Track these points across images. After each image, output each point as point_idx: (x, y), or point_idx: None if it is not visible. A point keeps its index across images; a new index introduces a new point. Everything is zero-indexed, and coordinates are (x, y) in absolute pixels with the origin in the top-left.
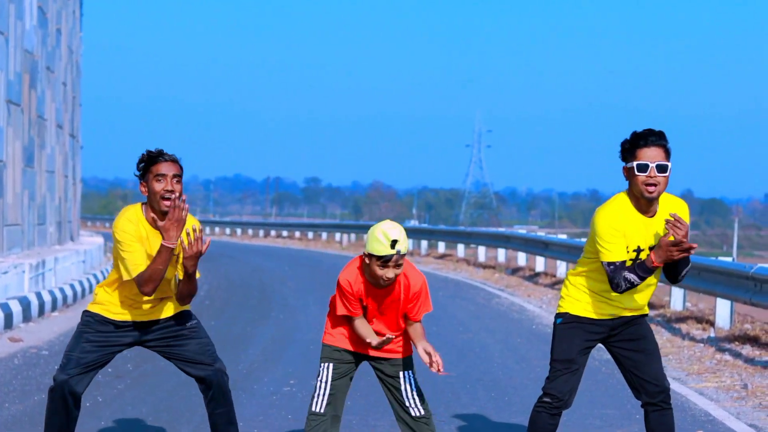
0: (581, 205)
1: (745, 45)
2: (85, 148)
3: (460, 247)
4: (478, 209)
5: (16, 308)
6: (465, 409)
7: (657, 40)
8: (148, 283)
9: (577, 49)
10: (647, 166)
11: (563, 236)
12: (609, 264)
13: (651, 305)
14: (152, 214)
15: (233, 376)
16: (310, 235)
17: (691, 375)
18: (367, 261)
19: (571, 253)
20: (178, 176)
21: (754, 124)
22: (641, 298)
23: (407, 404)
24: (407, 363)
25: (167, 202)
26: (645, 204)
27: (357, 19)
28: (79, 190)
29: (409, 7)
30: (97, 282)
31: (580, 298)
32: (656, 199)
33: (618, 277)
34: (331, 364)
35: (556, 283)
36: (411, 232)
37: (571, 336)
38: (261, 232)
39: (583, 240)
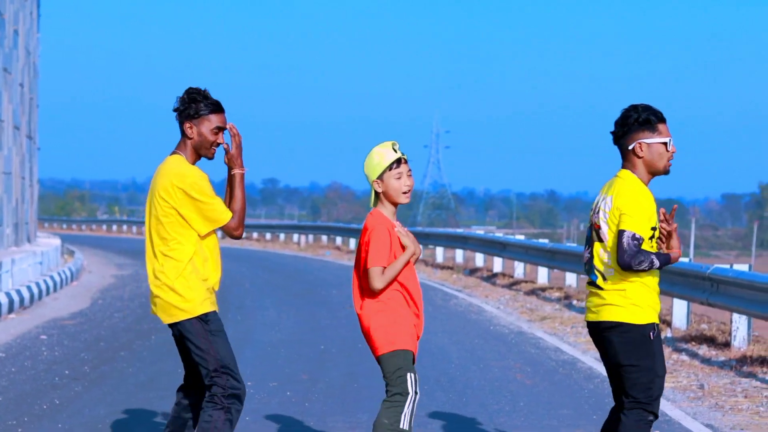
0: (539, 205)
1: (697, 47)
2: (42, 149)
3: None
4: (435, 210)
5: None
6: (422, 410)
7: (608, 41)
8: (242, 220)
9: (534, 52)
10: (670, 140)
11: (521, 237)
12: (633, 236)
13: None
14: (193, 158)
15: None
16: (268, 236)
17: None
18: (380, 189)
19: (528, 254)
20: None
21: (710, 126)
22: None
23: None
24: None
25: (214, 150)
26: (649, 181)
27: (314, 23)
28: (36, 191)
29: (365, 10)
30: (54, 284)
31: (649, 303)
32: None
33: (642, 254)
34: (414, 374)
35: (514, 284)
36: None
37: (661, 347)
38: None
39: (541, 240)
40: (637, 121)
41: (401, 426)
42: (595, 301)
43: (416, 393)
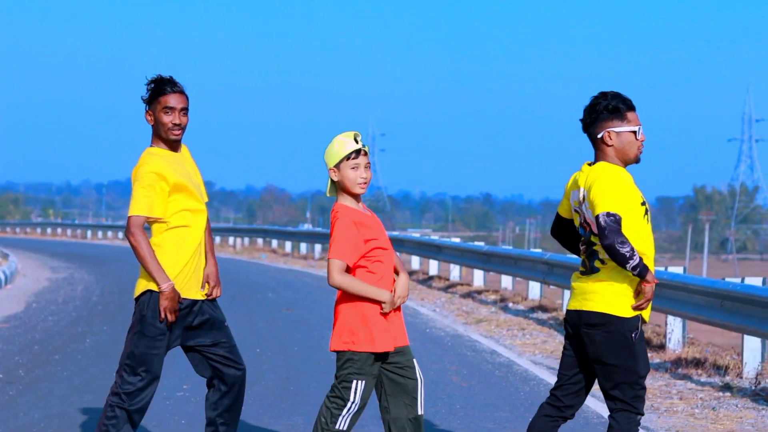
0: (474, 208)
1: (631, 51)
2: None
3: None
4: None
5: None
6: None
7: (539, 43)
8: (134, 232)
9: (469, 54)
10: (639, 128)
11: (456, 240)
12: (608, 213)
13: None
14: (161, 145)
15: None
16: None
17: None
18: (336, 178)
19: (464, 256)
20: (186, 109)
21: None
22: None
23: (418, 398)
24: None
25: (177, 132)
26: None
27: (248, 23)
28: None
29: (300, 12)
30: None
31: (627, 294)
32: None
33: (621, 235)
34: (364, 381)
35: (450, 287)
36: (304, 236)
37: (644, 345)
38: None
39: (477, 243)
40: (606, 108)
41: (337, 427)
42: (585, 288)
43: (358, 402)
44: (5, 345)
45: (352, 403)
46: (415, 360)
